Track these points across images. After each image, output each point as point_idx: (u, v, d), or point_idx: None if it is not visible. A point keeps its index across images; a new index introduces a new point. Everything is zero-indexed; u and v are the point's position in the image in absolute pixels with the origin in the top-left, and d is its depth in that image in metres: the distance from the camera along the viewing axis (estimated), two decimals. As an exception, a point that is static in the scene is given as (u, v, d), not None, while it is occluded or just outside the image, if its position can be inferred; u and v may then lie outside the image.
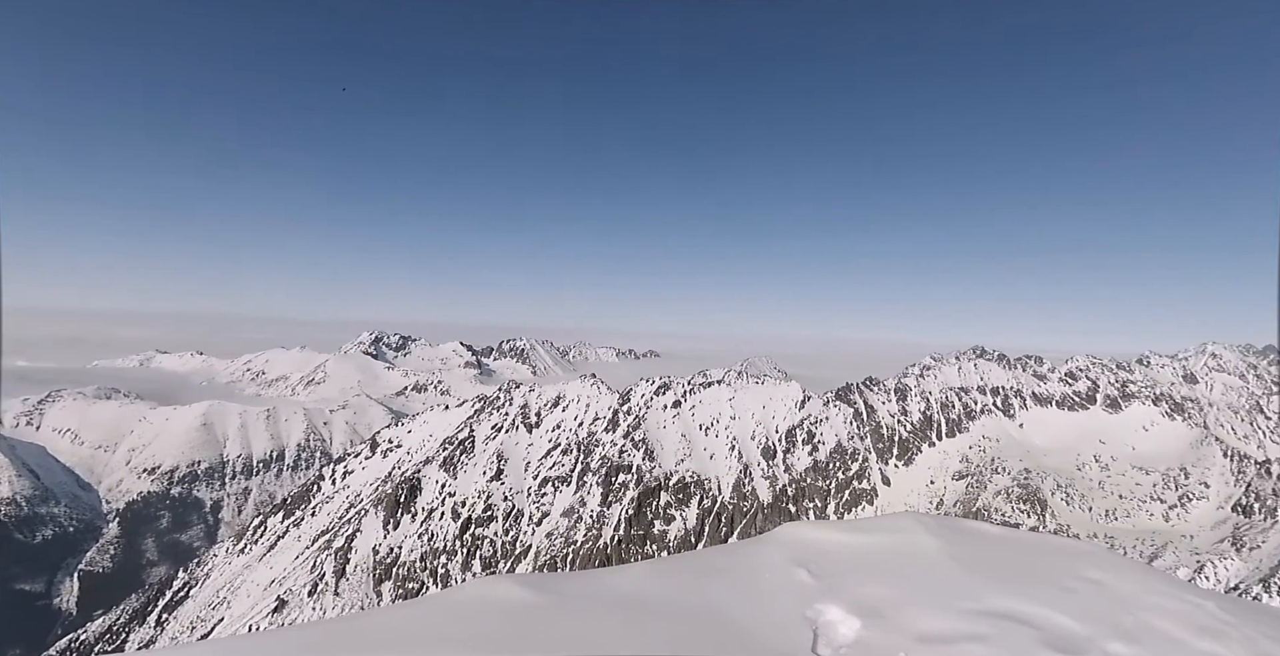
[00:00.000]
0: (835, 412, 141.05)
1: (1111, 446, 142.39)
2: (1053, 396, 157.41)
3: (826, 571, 7.22)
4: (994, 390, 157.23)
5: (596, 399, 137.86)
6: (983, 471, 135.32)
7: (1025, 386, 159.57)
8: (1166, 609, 7.17)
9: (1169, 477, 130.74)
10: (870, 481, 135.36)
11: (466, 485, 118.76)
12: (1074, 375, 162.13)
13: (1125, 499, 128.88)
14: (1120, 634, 6.13)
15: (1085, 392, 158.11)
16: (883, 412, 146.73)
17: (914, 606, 6.33)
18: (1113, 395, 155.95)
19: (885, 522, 9.07)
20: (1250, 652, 6.27)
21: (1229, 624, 7.03)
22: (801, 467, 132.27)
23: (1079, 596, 7.05)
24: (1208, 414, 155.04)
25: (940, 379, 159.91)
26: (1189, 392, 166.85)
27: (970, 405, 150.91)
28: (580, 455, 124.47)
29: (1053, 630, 5.98)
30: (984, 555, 8.11)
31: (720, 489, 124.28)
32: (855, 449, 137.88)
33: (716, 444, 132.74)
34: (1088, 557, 8.57)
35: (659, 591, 6.69)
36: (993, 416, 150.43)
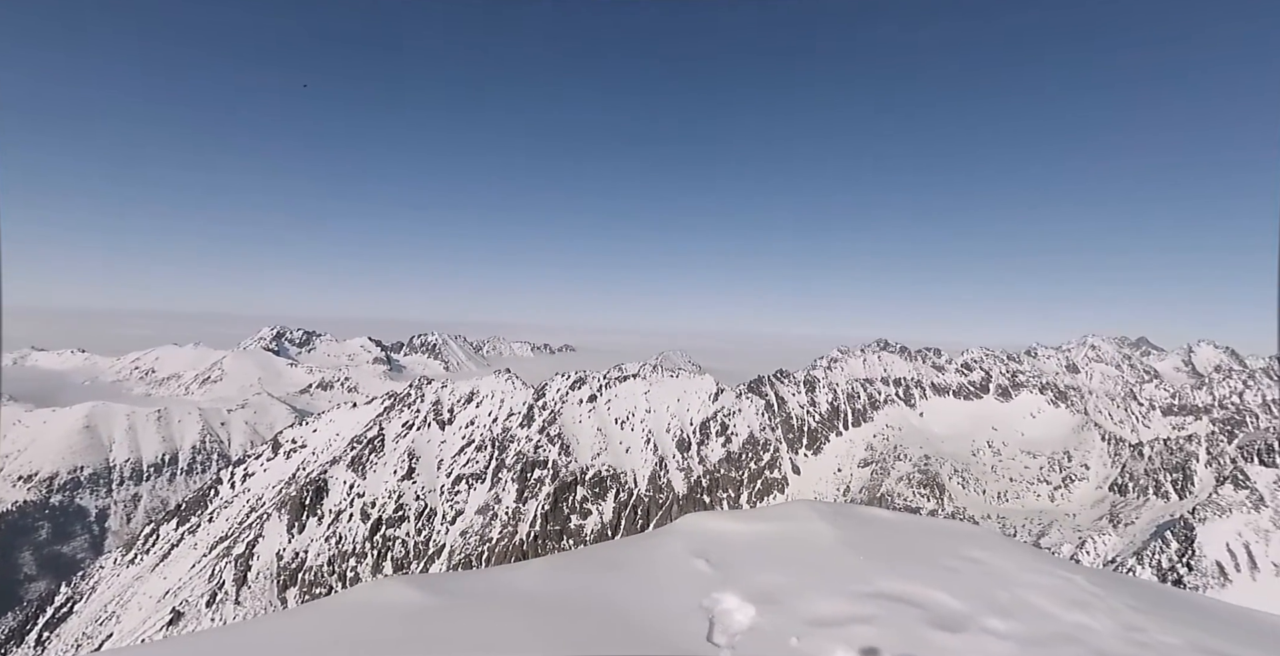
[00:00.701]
0: (747, 404, 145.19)
1: (1003, 432, 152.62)
2: (950, 386, 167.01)
3: (724, 561, 7.35)
4: (896, 381, 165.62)
5: (511, 394, 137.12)
6: (886, 458, 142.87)
7: (925, 377, 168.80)
8: (1040, 584, 7.64)
9: (1054, 461, 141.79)
10: (781, 471, 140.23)
11: (376, 485, 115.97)
12: (969, 366, 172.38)
13: (1015, 481, 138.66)
14: (998, 609, 6.54)
15: (979, 382, 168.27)
16: (793, 404, 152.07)
17: (807, 591, 6.56)
18: (1004, 384, 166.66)
19: (782, 511, 9.37)
20: (1114, 621, 6.84)
21: (1096, 596, 7.60)
22: (715, 459, 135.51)
23: (961, 575, 7.42)
24: (1088, 401, 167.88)
25: (847, 371, 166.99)
26: (1071, 381, 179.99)
27: (875, 395, 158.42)
28: (495, 451, 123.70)
29: (936, 609, 6.34)
30: (875, 540, 8.46)
31: (637, 482, 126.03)
32: (767, 439, 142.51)
33: (632, 437, 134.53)
34: (970, 538, 9.06)
35: (557, 587, 6.69)
36: (895, 406, 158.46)
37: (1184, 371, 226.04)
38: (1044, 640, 5.94)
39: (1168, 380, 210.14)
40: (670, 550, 7.70)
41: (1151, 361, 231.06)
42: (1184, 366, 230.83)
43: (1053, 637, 6.04)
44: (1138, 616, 7.18)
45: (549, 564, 7.49)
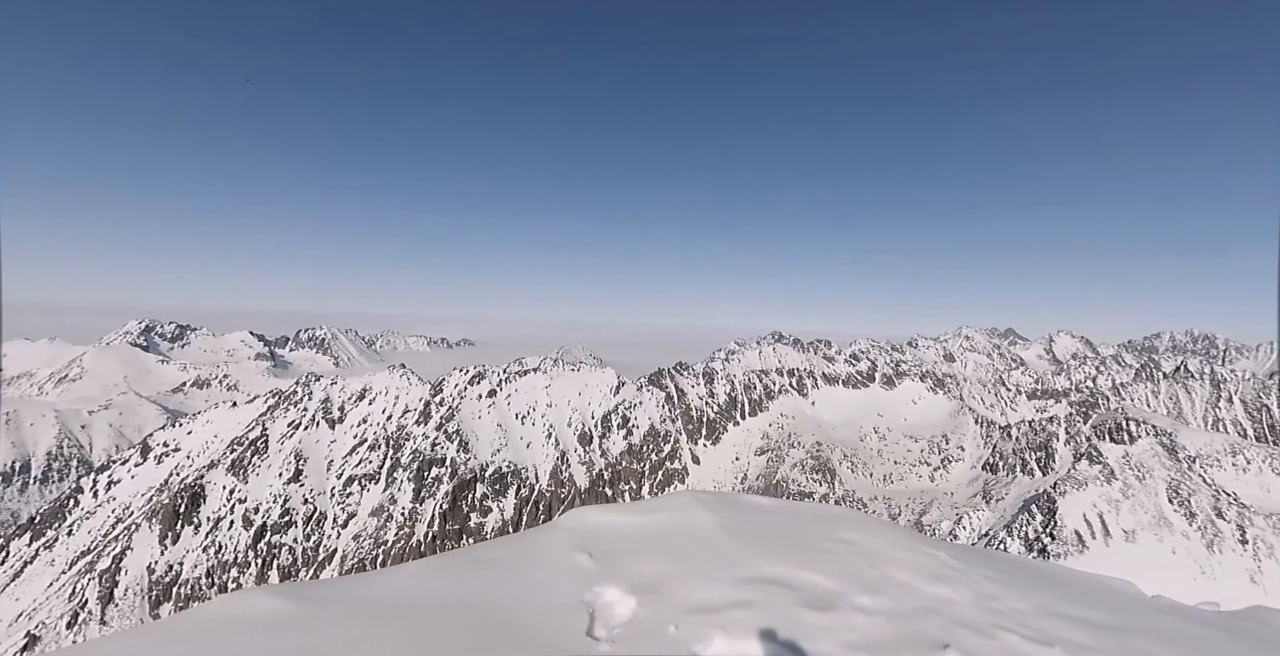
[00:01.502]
0: (648, 397, 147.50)
1: (888, 418, 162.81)
2: (840, 376, 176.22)
3: (608, 554, 7.41)
4: (790, 372, 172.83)
5: (406, 390, 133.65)
6: (781, 446, 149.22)
7: (817, 367, 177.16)
8: (906, 561, 8.07)
9: (934, 444, 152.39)
10: (682, 461, 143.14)
11: (260, 489, 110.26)
12: (857, 356, 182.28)
13: (899, 464, 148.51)
14: (867, 587, 6.95)
15: (866, 372, 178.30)
16: (692, 395, 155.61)
17: (688, 580, 6.71)
18: (889, 373, 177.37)
19: (666, 502, 9.51)
20: (972, 592, 7.41)
21: (957, 569, 8.15)
22: (617, 451, 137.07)
23: (834, 556, 7.79)
24: (963, 387, 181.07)
25: (743, 362, 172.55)
26: (948, 370, 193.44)
27: (770, 386, 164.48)
28: (389, 450, 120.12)
29: (809, 589, 6.64)
30: (755, 526, 8.71)
31: (538, 477, 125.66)
32: (667, 431, 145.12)
33: (533, 432, 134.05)
34: (843, 521, 9.55)
35: (432, 590, 6.54)
36: (789, 396, 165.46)
37: (1045, 359, 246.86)
38: (909, 613, 6.43)
39: (1032, 367, 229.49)
40: (552, 546, 7.75)
41: (1018, 350, 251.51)
42: (1045, 354, 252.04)
43: (917, 611, 6.55)
44: (993, 586, 7.82)
45: (424, 566, 7.39)
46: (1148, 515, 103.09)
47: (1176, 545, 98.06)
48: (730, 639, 5.57)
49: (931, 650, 5.67)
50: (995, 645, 6.01)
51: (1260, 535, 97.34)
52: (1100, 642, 6.66)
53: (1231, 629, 9.23)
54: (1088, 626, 7.16)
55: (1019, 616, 6.99)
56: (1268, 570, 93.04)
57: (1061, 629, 6.84)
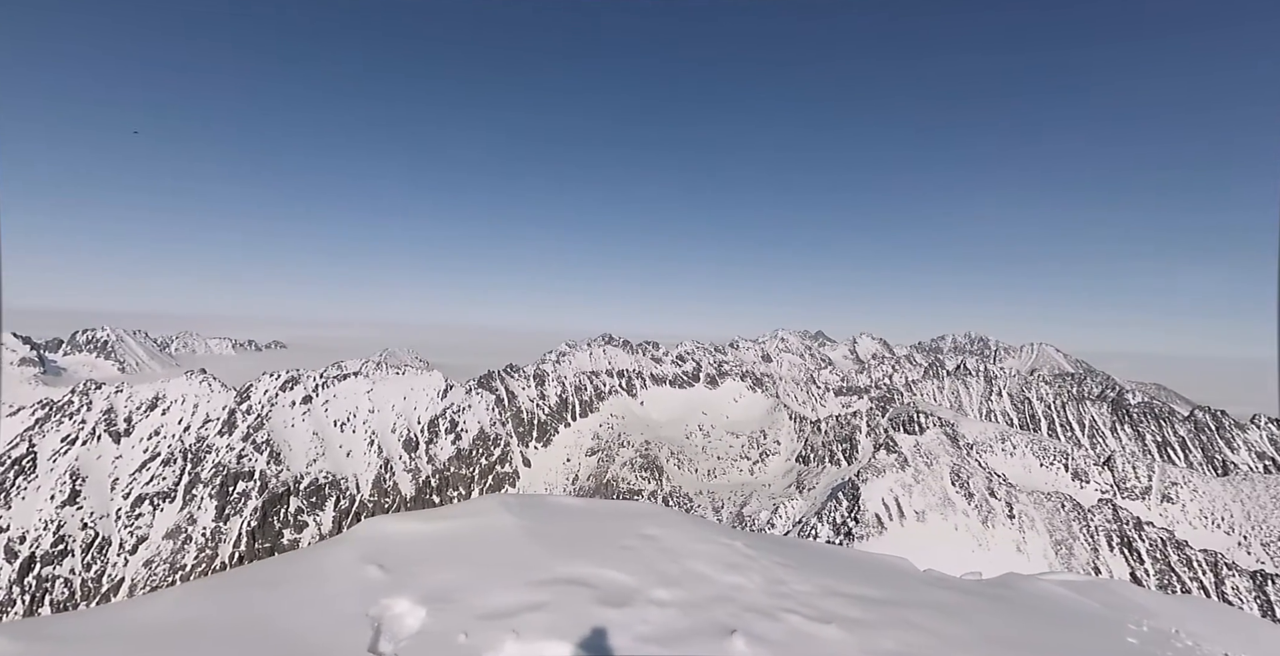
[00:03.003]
0: (478, 400, 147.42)
1: (711, 416, 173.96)
2: (667, 376, 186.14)
3: (401, 564, 7.42)
4: (620, 372, 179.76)
5: (208, 398, 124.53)
6: (611, 446, 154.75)
7: (645, 368, 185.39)
8: (704, 552, 8.63)
9: (753, 439, 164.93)
10: (512, 464, 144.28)
11: (26, 515, 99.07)
12: (683, 358, 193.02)
13: (722, 459, 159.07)
14: (665, 581, 7.37)
15: (691, 372, 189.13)
16: (523, 397, 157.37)
17: (484, 586, 6.86)
18: (712, 373, 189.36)
19: (468, 507, 9.81)
20: (763, 578, 8.05)
21: (751, 558, 8.82)
22: (445, 457, 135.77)
23: (636, 553, 8.18)
24: (779, 386, 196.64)
25: (574, 364, 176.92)
26: (766, 369, 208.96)
27: (600, 387, 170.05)
28: (188, 465, 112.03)
29: (607, 587, 6.93)
30: (560, 528, 9.03)
31: (359, 487, 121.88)
32: (498, 434, 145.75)
33: (354, 440, 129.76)
34: (647, 517, 9.99)
35: (198, 614, 6.25)
36: (619, 396, 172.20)
37: (850, 359, 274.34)
38: (702, 603, 6.92)
39: (838, 366, 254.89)
40: (339, 559, 7.69)
41: (826, 351, 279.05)
42: (850, 355, 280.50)
43: (710, 600, 7.04)
44: (783, 571, 8.52)
45: (189, 590, 7.06)
46: (935, 497, 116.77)
47: (958, 522, 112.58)
48: (523, 642, 5.82)
49: (720, 636, 6.21)
50: (779, 626, 6.71)
51: (1024, 510, 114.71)
52: (873, 616, 7.59)
53: (988, 595, 11.23)
54: (864, 602, 8.10)
55: (803, 598, 7.74)
56: (1030, 540, 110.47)
57: (840, 607, 7.71)
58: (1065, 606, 12.23)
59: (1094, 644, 9.79)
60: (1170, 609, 15.78)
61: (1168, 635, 11.57)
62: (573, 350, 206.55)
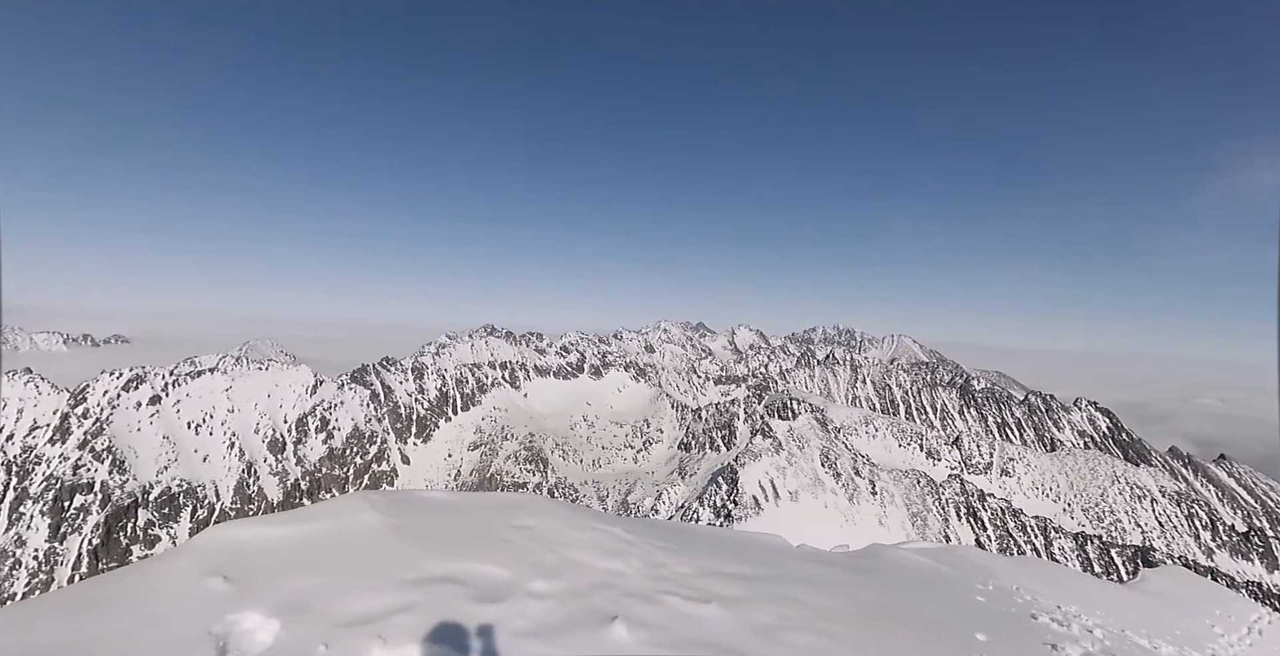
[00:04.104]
0: (351, 396, 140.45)
1: (596, 406, 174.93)
2: (551, 367, 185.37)
3: (250, 574, 6.64)
4: (503, 364, 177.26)
5: (34, 401, 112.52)
6: (495, 440, 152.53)
7: (529, 360, 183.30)
8: (583, 540, 8.47)
9: (637, 428, 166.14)
10: (390, 462, 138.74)
11: None
12: (567, 349, 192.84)
13: (607, 449, 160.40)
14: (543, 572, 7.13)
15: (576, 363, 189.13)
16: (400, 392, 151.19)
17: (345, 591, 6.31)
18: (596, 364, 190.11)
19: (329, 507, 9.01)
20: (642, 563, 8.03)
21: (630, 543, 8.80)
22: (316, 457, 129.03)
23: (512, 545, 7.88)
24: (661, 376, 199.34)
25: (455, 356, 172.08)
26: (649, 360, 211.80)
27: (482, 379, 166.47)
28: (12, 478, 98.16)
29: (482, 583, 6.60)
30: (431, 524, 8.54)
31: (219, 494, 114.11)
32: (374, 431, 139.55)
33: (211, 443, 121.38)
34: (523, 507, 9.72)
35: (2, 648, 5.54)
36: (502, 388, 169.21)
37: (729, 349, 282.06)
38: (582, 592, 6.76)
39: (718, 356, 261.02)
40: (174, 573, 6.76)
41: (707, 342, 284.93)
42: (729, 345, 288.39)
43: (590, 588, 6.91)
44: (663, 555, 8.56)
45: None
46: (806, 478, 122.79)
47: (828, 500, 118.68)
48: (389, 648, 5.44)
49: (601, 624, 6.06)
50: (659, 609, 6.71)
51: (885, 487, 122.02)
52: (749, 593, 7.81)
53: (856, 566, 12.16)
54: (741, 580, 8.34)
55: (683, 580, 7.80)
56: (890, 513, 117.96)
57: (718, 586, 7.86)
58: (922, 572, 13.48)
59: (948, 604, 10.78)
60: (1011, 569, 18.06)
61: (1010, 592, 13.25)
62: (453, 342, 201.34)
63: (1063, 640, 9.37)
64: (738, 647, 6.24)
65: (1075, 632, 10.23)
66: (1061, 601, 14.14)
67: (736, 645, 6.29)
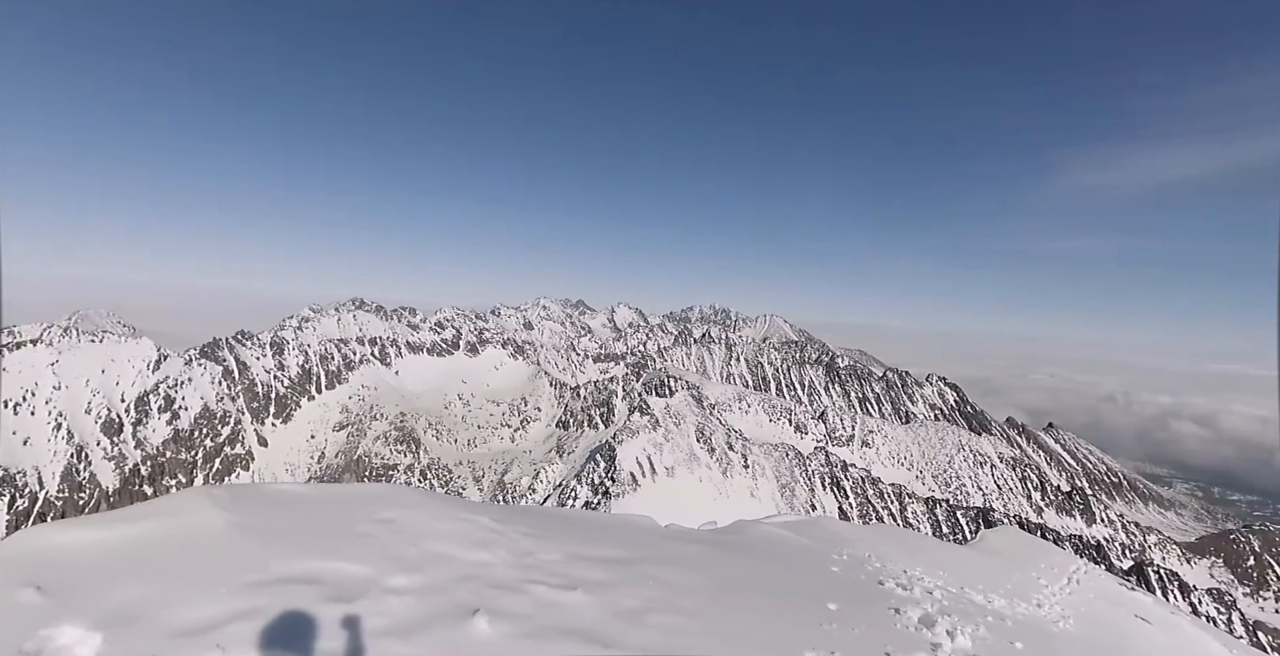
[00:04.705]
0: (200, 372, 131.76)
1: (471, 385, 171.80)
2: (425, 344, 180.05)
3: (68, 583, 5.78)
4: (372, 340, 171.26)
5: None
6: (363, 419, 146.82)
7: (401, 336, 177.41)
8: (447, 531, 8.17)
9: (514, 406, 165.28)
10: (246, 444, 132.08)
11: None
12: (442, 325, 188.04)
13: (483, 428, 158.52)
14: (404, 566, 6.77)
15: (451, 340, 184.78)
16: (257, 368, 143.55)
17: (180, 598, 5.63)
18: (473, 341, 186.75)
19: (162, 505, 7.88)
20: (509, 552, 7.87)
21: (498, 532, 8.56)
22: (159, 440, 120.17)
23: (371, 540, 7.42)
24: (540, 353, 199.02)
25: (320, 331, 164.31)
26: (527, 337, 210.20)
27: (350, 356, 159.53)
28: None
29: (337, 581, 6.17)
30: (282, 520, 7.81)
31: (43, 482, 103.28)
32: (226, 411, 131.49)
33: (33, 424, 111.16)
34: (384, 499, 9.12)
35: None
36: (371, 365, 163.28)
37: (608, 327, 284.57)
38: (445, 585, 6.51)
39: (597, 334, 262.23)
40: None
41: (586, 319, 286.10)
42: (608, 323, 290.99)
43: (453, 581, 6.67)
44: (531, 542, 8.39)
45: None
46: (682, 453, 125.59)
47: (703, 475, 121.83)
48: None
49: (462, 617, 5.89)
50: (525, 599, 6.61)
51: (757, 460, 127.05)
52: (616, 577, 7.81)
53: (721, 542, 12.37)
54: (608, 564, 8.29)
55: (550, 567, 7.67)
56: (762, 486, 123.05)
57: (586, 571, 7.80)
58: (783, 544, 14.12)
59: (805, 575, 11.34)
60: (865, 537, 19.16)
61: (862, 560, 14.01)
62: (318, 315, 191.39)
63: (905, 603, 9.92)
64: (601, 633, 6.24)
65: (917, 595, 10.94)
66: (909, 565, 15.14)
67: (600, 630, 6.29)
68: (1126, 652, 17.56)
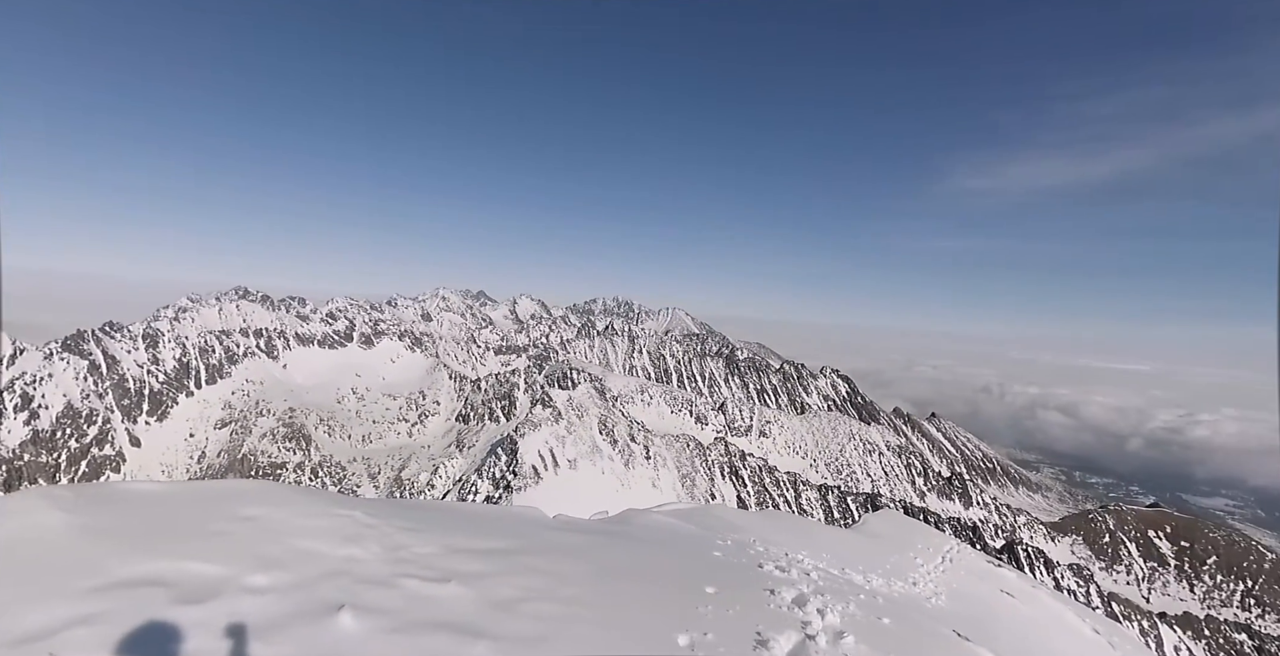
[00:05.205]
0: (63, 367, 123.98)
1: (366, 378, 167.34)
2: (315, 336, 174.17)
3: None
4: (258, 332, 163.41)
5: None
6: (248, 416, 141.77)
7: (289, 327, 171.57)
8: (316, 527, 7.88)
9: (411, 400, 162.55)
10: (116, 445, 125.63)
11: None
12: (334, 315, 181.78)
13: (378, 423, 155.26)
14: (264, 564, 6.45)
15: (344, 331, 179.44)
16: (128, 363, 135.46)
17: (10, 606, 5.20)
18: (367, 332, 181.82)
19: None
20: (382, 546, 7.70)
21: (371, 526, 8.38)
22: (15, 442, 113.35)
23: (229, 538, 7.08)
24: (439, 345, 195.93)
25: (199, 322, 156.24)
26: (426, 328, 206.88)
27: (233, 348, 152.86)
28: None
29: (188, 583, 5.84)
30: (130, 520, 7.31)
31: None
32: (93, 409, 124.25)
33: None
34: (248, 496, 8.75)
35: None
36: (257, 359, 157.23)
37: (510, 319, 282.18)
38: (309, 583, 6.27)
39: (499, 326, 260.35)
40: None
41: (488, 311, 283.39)
42: (510, 315, 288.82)
43: (318, 578, 6.43)
44: (405, 536, 8.21)
45: None
46: (585, 446, 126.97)
47: (605, 466, 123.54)
48: None
49: (326, 615, 5.68)
50: (395, 593, 6.44)
51: (659, 451, 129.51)
52: (494, 568, 7.79)
53: (608, 531, 12.58)
54: (487, 555, 8.29)
55: (425, 560, 7.55)
56: (663, 476, 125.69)
57: (462, 563, 7.73)
58: (670, 532, 14.32)
59: (687, 560, 11.57)
60: (753, 522, 20.05)
61: (746, 545, 14.38)
62: (196, 305, 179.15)
63: (780, 584, 10.32)
64: (473, 623, 6.17)
65: (794, 577, 11.41)
66: (793, 549, 15.67)
67: (472, 621, 6.21)
68: (991, 625, 19.03)
